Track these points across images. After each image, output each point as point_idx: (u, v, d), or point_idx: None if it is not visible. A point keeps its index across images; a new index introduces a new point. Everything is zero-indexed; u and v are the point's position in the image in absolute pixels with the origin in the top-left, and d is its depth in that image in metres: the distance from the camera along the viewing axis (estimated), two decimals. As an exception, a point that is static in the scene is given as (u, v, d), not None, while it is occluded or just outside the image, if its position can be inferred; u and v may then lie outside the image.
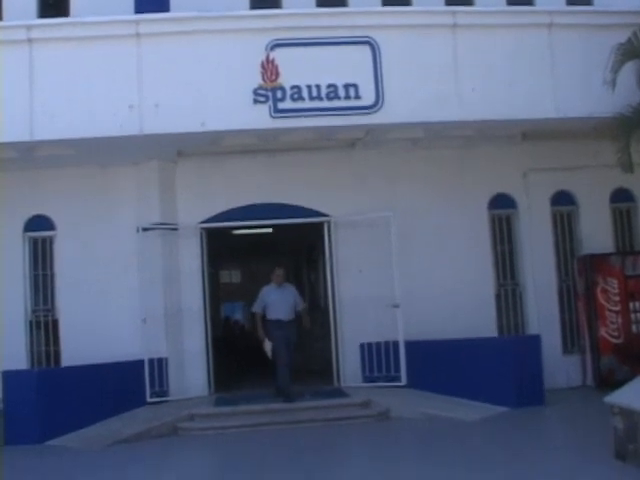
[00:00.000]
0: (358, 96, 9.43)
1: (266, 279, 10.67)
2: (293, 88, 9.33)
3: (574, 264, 11.19)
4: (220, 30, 9.46)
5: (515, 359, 9.32)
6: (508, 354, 9.41)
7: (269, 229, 12.16)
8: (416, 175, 11.02)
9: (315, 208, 10.97)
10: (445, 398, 9.55)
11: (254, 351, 13.89)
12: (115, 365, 9.76)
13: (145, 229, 10.44)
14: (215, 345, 11.27)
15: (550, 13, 10.01)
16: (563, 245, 11.42)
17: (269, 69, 9.31)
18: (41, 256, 10.88)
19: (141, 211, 10.70)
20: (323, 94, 9.38)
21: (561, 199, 11.41)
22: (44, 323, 10.73)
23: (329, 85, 9.38)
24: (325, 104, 9.38)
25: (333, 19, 9.80)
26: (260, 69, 9.29)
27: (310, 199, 10.93)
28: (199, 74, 9.32)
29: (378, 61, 9.44)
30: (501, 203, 11.33)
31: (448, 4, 11.16)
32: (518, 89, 9.66)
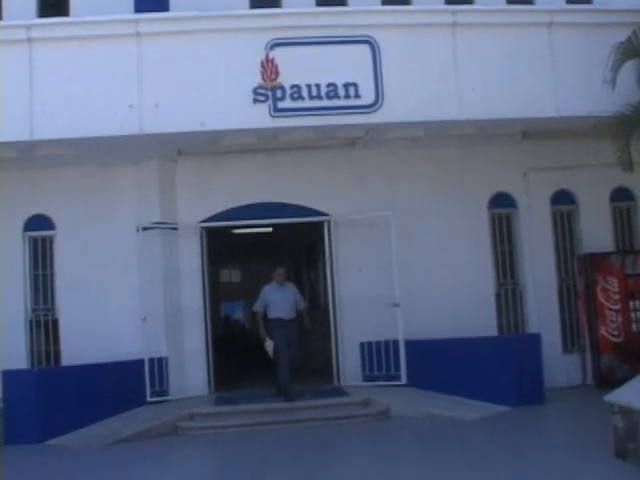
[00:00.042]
0: (358, 95, 9.42)
1: (266, 278, 10.67)
2: (293, 87, 9.32)
3: (574, 263, 11.19)
4: (220, 29, 9.45)
5: (515, 358, 9.32)
6: (508, 353, 9.41)
7: (269, 228, 12.15)
8: (416, 174, 11.02)
9: (315, 207, 10.97)
10: (445, 397, 9.54)
11: (254, 350, 13.91)
12: (115, 365, 9.76)
13: (145, 228, 10.45)
14: (215, 344, 11.27)
15: (550, 12, 9.99)
16: (563, 244, 11.42)
17: (269, 68, 9.31)
18: (41, 256, 10.87)
19: (141, 210, 10.70)
20: (323, 93, 9.37)
21: (561, 198, 11.41)
22: (44, 322, 10.73)
23: (329, 84, 9.37)
24: (325, 103, 9.37)
25: (333, 18, 9.79)
26: (260, 68, 9.29)
27: (310, 198, 10.94)
28: (199, 73, 9.32)
29: (378, 60, 9.44)
30: (501, 202, 11.33)
31: (448, 3, 11.13)
32: (518, 88, 9.65)
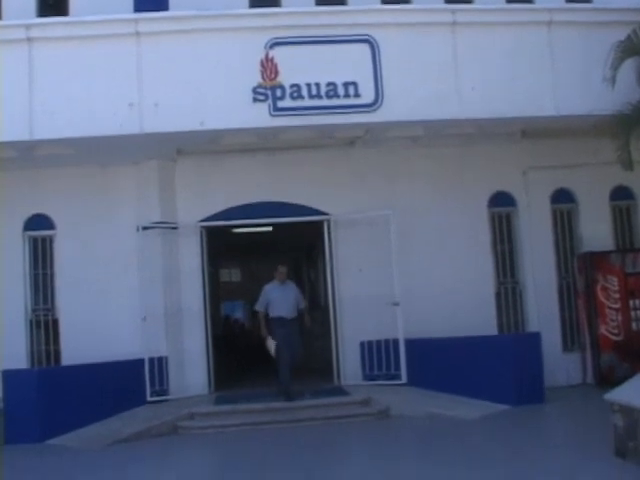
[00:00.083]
0: (357, 94, 9.42)
1: (266, 278, 10.67)
2: (292, 86, 9.32)
3: (574, 262, 11.19)
4: (219, 29, 9.45)
5: (515, 357, 9.32)
6: (508, 352, 9.40)
7: (269, 228, 12.15)
8: (416, 173, 11.01)
9: (315, 206, 10.97)
10: (445, 396, 9.54)
11: (254, 350, 13.93)
12: (115, 364, 9.76)
13: (145, 228, 10.45)
14: (215, 344, 11.27)
15: (550, 10, 9.98)
16: (563, 243, 11.42)
17: (268, 67, 9.31)
18: (41, 255, 10.88)
19: (141, 210, 10.70)
20: (322, 92, 9.37)
21: (561, 197, 11.41)
22: (44, 322, 10.73)
23: (328, 83, 9.37)
24: (324, 102, 9.37)
25: (332, 17, 9.79)
26: (259, 67, 9.29)
27: (310, 197, 10.94)
28: (198, 73, 9.31)
29: (377, 59, 9.43)
30: (501, 201, 11.33)
31: (447, 2, 11.11)
32: (518, 87, 9.65)
